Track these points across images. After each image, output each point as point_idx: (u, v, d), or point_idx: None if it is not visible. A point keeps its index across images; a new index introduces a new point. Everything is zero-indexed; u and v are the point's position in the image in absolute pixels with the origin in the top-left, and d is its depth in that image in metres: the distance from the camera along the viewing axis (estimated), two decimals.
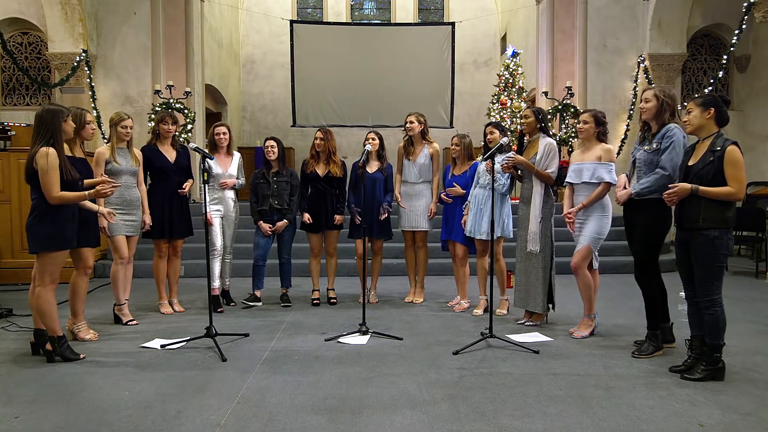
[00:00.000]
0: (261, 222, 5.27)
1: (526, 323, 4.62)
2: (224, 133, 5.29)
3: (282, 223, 5.28)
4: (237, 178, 5.34)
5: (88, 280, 4.22)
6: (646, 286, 3.85)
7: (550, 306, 4.63)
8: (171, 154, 5.06)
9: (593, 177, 4.18)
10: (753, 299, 5.82)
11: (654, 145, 3.68)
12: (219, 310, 5.10)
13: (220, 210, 5.24)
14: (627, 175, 3.91)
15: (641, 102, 3.79)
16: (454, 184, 5.17)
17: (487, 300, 4.88)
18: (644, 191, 3.65)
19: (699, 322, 3.39)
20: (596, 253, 4.30)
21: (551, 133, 4.90)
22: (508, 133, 5.07)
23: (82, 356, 3.70)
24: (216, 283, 5.16)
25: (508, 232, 4.95)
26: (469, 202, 5.00)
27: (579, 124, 4.33)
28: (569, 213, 4.26)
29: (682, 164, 3.45)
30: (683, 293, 3.54)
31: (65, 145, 3.88)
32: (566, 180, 4.35)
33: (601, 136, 4.27)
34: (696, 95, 3.47)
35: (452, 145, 5.27)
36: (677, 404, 2.95)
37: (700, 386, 3.20)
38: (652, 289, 3.84)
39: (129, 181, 4.68)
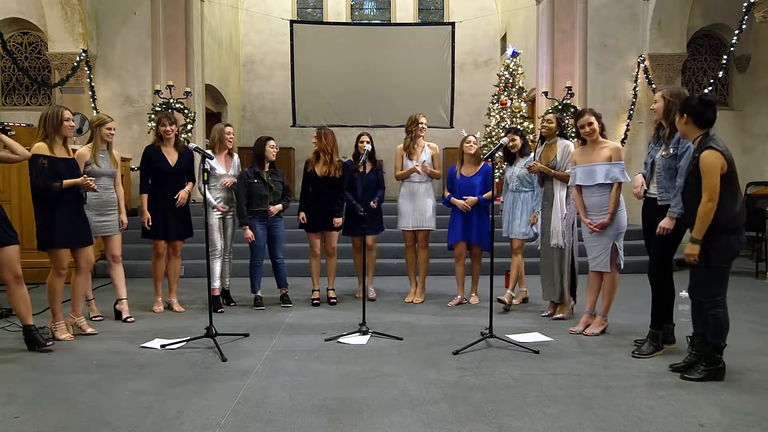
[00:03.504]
0: (246, 227, 5.19)
1: (555, 317, 4.79)
2: (233, 135, 5.41)
3: (277, 207, 5.29)
4: (235, 179, 5.34)
5: (62, 280, 4.23)
6: (659, 284, 3.86)
7: (573, 299, 4.85)
8: (172, 157, 5.07)
9: (608, 178, 4.15)
10: (753, 299, 5.81)
11: (671, 150, 3.67)
12: (219, 310, 5.10)
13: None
14: (644, 175, 3.89)
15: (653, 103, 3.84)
16: (465, 197, 5.25)
17: (512, 295, 5.16)
18: (679, 210, 3.54)
19: (703, 320, 3.37)
20: (622, 252, 4.25)
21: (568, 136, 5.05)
22: (509, 133, 5.09)
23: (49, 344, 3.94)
24: (216, 284, 5.16)
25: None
26: (502, 202, 5.29)
27: (584, 128, 4.28)
28: (596, 226, 4.20)
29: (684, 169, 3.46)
30: (684, 293, 3.53)
31: (44, 144, 4.07)
32: (576, 182, 4.32)
33: (603, 132, 4.32)
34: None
35: (469, 143, 5.32)
36: (677, 404, 2.95)
37: (700, 386, 3.20)
38: (663, 286, 3.84)
39: (107, 183, 4.70)
